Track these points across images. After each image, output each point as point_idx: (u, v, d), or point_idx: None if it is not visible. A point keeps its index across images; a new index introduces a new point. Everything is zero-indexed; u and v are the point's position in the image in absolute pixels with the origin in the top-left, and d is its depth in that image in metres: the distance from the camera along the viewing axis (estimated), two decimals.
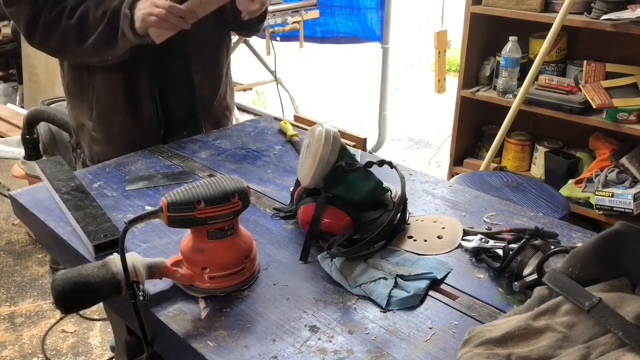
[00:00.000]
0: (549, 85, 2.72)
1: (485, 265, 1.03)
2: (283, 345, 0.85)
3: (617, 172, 2.58)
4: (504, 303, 0.94)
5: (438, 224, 1.15)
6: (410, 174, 1.38)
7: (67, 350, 2.25)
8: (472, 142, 3.24)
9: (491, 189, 2.25)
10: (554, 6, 2.62)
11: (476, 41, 2.94)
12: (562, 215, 2.08)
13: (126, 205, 1.22)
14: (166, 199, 0.90)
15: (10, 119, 3.94)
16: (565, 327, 0.74)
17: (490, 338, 0.77)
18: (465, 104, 3.02)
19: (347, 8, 3.86)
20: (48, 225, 1.15)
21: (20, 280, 2.65)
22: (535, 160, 2.98)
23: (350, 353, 0.84)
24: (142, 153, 1.47)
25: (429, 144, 4.34)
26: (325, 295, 0.96)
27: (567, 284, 0.78)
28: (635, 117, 2.49)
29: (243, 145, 1.53)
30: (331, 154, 1.06)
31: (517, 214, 1.21)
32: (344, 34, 3.98)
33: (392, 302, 0.93)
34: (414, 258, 1.04)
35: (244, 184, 0.94)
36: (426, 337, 0.87)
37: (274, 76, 4.19)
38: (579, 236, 1.12)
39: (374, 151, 4.07)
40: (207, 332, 0.88)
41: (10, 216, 3.12)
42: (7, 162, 3.59)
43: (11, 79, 4.89)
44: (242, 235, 0.98)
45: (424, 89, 5.33)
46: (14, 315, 2.43)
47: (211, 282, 0.95)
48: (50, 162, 1.35)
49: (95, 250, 1.04)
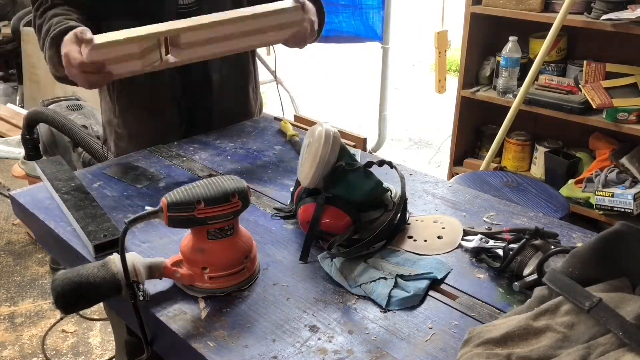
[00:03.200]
0: (549, 85, 2.72)
1: (485, 265, 1.03)
2: (283, 345, 0.85)
3: (617, 172, 2.58)
4: (504, 303, 0.94)
5: (438, 224, 1.15)
6: (410, 173, 1.38)
7: (67, 350, 2.25)
8: (472, 142, 3.24)
9: (491, 189, 2.25)
10: (554, 6, 2.63)
11: (476, 41, 2.94)
12: (562, 215, 2.08)
13: (126, 205, 1.22)
14: (166, 199, 0.90)
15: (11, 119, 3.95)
16: (565, 327, 0.74)
17: (490, 338, 0.76)
18: (465, 104, 3.02)
19: (351, 7, 3.86)
20: (48, 225, 1.15)
21: (20, 280, 2.65)
22: (535, 160, 2.98)
23: (350, 353, 0.84)
24: (142, 153, 1.47)
25: (429, 143, 4.34)
26: (325, 295, 0.96)
27: (567, 284, 0.78)
28: (635, 117, 2.49)
29: (243, 145, 1.53)
30: (331, 154, 1.06)
31: (517, 214, 1.21)
32: (347, 33, 3.97)
33: (392, 302, 0.93)
34: (414, 258, 1.04)
35: (244, 183, 0.94)
36: (426, 337, 0.87)
37: (274, 76, 4.19)
38: (579, 236, 1.11)
39: (374, 151, 4.07)
40: (207, 332, 0.88)
41: (10, 216, 3.12)
42: (7, 162, 3.59)
43: (11, 78, 4.90)
44: (242, 235, 0.98)
45: (424, 89, 5.33)
46: (14, 315, 2.43)
47: (211, 282, 0.95)
48: (50, 162, 1.35)
49: (95, 250, 1.04)
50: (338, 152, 1.07)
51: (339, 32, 3.98)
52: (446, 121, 3.88)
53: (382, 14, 3.77)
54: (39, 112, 2.52)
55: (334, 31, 3.97)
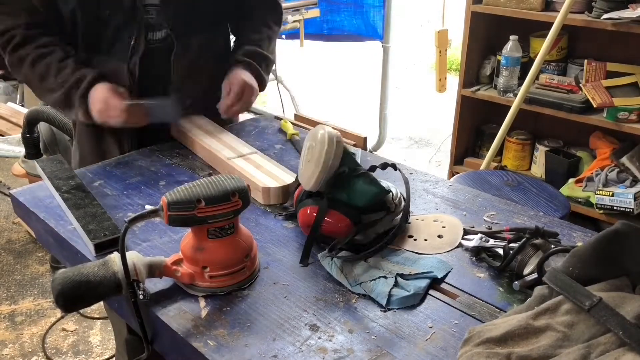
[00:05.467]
0: (550, 84, 2.72)
1: (486, 264, 1.03)
2: (283, 344, 0.85)
3: (617, 172, 2.58)
4: (504, 302, 0.94)
5: (438, 223, 1.15)
6: (410, 173, 1.38)
7: (67, 349, 2.26)
8: (473, 141, 3.24)
9: (491, 188, 2.25)
10: (554, 5, 2.62)
11: (477, 40, 2.94)
12: (563, 214, 2.08)
13: (126, 204, 1.22)
14: (166, 197, 0.90)
15: (11, 118, 3.94)
16: (565, 326, 0.74)
17: (490, 337, 0.77)
18: (466, 103, 3.02)
19: (352, 5, 3.87)
20: (48, 224, 1.15)
21: (21, 278, 2.65)
22: (536, 160, 2.98)
23: (350, 352, 0.84)
24: (142, 152, 1.47)
25: (429, 143, 4.34)
26: (326, 294, 0.96)
27: (568, 284, 0.78)
28: (636, 116, 2.49)
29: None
30: (335, 158, 1.04)
31: (518, 213, 1.21)
32: (349, 32, 3.98)
33: (393, 301, 0.93)
34: (415, 257, 1.04)
35: (244, 182, 0.94)
36: (426, 336, 0.87)
37: (274, 75, 4.19)
38: (579, 235, 1.11)
39: (375, 150, 4.07)
40: (208, 331, 0.88)
41: (11, 215, 3.12)
42: (7, 160, 3.59)
43: (11, 77, 4.89)
44: (242, 234, 0.98)
45: (424, 88, 5.33)
46: (15, 313, 2.43)
47: (211, 281, 0.95)
48: (50, 161, 1.35)
49: (96, 249, 1.04)
50: (341, 156, 1.06)
51: (341, 30, 3.98)
52: (446, 120, 3.87)
53: (383, 13, 3.77)
54: (39, 110, 2.52)
55: (335, 29, 3.98)
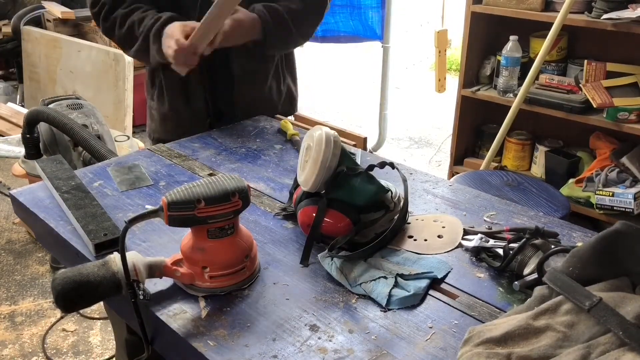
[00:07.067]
0: (550, 84, 2.72)
1: (486, 264, 1.03)
2: (283, 344, 0.85)
3: (617, 172, 2.58)
4: (504, 302, 0.94)
5: (438, 223, 1.15)
6: (410, 173, 1.38)
7: (67, 349, 2.26)
8: (473, 141, 3.24)
9: (491, 188, 2.25)
10: (554, 5, 2.63)
11: (477, 40, 2.94)
12: (563, 214, 2.09)
13: (126, 205, 1.22)
14: (166, 198, 0.89)
15: (11, 118, 3.95)
16: (565, 326, 0.74)
17: (490, 337, 0.76)
18: (466, 103, 3.02)
19: (348, 7, 3.85)
20: (48, 224, 1.15)
21: (21, 279, 2.65)
22: (536, 160, 2.98)
23: (350, 352, 0.84)
24: (142, 152, 1.47)
25: (429, 143, 4.34)
26: (326, 295, 0.96)
27: (568, 284, 0.78)
28: (636, 117, 2.49)
29: (243, 144, 1.53)
30: (333, 158, 1.04)
31: (518, 213, 1.21)
32: (345, 34, 3.96)
33: (393, 301, 0.93)
34: (414, 257, 1.04)
35: (244, 183, 0.94)
36: (426, 336, 0.87)
37: None
38: (579, 235, 1.11)
39: (374, 150, 4.07)
40: (208, 331, 0.88)
41: (11, 215, 3.12)
42: (7, 161, 3.59)
43: (11, 77, 4.89)
44: (242, 234, 0.98)
45: (424, 88, 5.33)
46: (14, 314, 2.43)
47: (211, 281, 0.95)
48: (50, 161, 1.35)
49: (96, 249, 1.04)
50: (339, 156, 1.06)
51: (336, 32, 3.96)
52: (446, 120, 3.88)
53: (382, 13, 3.76)
54: (39, 111, 2.51)
55: (330, 31, 3.96)
